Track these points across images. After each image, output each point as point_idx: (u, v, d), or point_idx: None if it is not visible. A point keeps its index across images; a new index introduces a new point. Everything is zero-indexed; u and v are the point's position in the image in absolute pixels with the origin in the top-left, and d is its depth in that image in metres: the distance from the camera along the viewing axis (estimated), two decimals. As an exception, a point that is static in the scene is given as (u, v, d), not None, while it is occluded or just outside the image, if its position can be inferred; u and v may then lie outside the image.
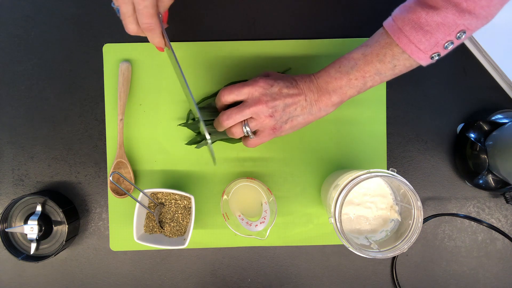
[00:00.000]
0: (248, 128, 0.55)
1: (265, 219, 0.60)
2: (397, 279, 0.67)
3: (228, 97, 0.55)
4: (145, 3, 0.47)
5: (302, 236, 0.67)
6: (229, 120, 0.55)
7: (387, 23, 0.52)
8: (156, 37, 0.50)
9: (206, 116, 0.62)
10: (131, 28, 0.50)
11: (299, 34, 0.68)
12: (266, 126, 0.55)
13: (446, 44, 0.49)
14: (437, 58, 0.51)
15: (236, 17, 0.68)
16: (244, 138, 0.59)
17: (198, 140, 0.65)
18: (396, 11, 0.52)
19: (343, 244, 0.53)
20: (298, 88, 0.55)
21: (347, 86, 0.54)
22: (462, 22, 0.47)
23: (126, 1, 0.47)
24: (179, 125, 0.66)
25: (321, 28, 0.68)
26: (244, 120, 0.55)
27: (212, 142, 0.65)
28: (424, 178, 0.68)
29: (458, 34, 0.48)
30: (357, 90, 0.55)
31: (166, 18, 0.55)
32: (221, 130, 0.58)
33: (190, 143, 0.66)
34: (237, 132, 0.56)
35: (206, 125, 0.62)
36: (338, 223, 0.52)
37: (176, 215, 0.64)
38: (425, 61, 0.51)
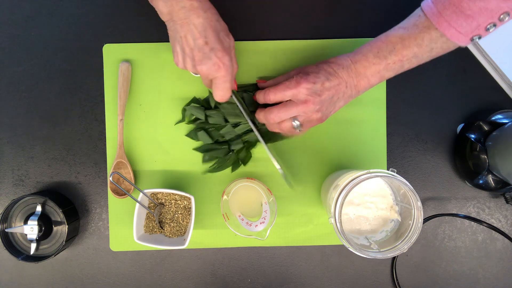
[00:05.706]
0: (298, 122, 0.57)
1: (265, 219, 0.60)
2: (397, 279, 0.67)
3: (275, 97, 0.57)
4: (224, 79, 0.54)
5: (302, 236, 0.67)
6: (276, 118, 0.57)
7: (426, 5, 0.52)
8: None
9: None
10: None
11: (301, 34, 0.68)
12: (313, 119, 0.56)
13: (488, 26, 0.49)
14: (477, 39, 0.51)
15: (236, 17, 0.68)
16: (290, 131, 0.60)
17: (206, 148, 0.66)
18: None
19: (343, 244, 0.53)
20: (338, 77, 0.56)
21: (385, 70, 0.55)
22: (506, 5, 0.47)
23: (203, 77, 0.56)
24: (176, 123, 0.67)
25: (322, 28, 0.68)
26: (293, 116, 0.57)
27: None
28: (424, 178, 0.68)
29: (501, 16, 0.48)
30: (395, 72, 0.56)
31: (236, 86, 0.60)
32: (264, 122, 0.60)
33: (200, 150, 0.66)
34: (287, 127, 0.58)
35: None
36: (338, 223, 0.52)
37: (176, 215, 0.64)
38: (465, 43, 0.51)
